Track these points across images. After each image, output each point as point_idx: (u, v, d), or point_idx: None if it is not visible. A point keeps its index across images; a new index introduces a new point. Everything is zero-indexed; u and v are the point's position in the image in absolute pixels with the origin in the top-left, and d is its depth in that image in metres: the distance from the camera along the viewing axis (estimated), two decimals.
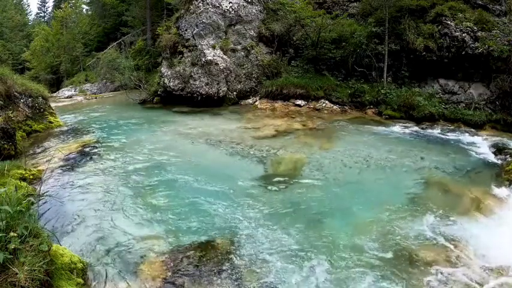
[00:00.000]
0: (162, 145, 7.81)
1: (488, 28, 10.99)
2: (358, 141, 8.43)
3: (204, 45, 13.48)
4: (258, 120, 10.59)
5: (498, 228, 4.54)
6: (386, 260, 3.92)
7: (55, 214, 4.54)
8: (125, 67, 16.68)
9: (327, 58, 13.28)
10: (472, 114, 10.47)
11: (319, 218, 4.77)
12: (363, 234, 4.38)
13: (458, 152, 7.91)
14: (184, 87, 13.53)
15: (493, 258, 3.93)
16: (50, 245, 3.14)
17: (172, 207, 4.88)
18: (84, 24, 32.44)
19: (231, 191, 5.47)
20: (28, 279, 2.59)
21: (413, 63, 12.18)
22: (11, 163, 5.56)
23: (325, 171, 6.41)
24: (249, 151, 7.49)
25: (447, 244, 4.21)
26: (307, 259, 3.87)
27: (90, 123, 10.55)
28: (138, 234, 4.23)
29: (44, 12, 55.06)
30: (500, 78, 10.52)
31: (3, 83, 8.33)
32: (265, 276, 3.60)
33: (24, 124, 8.41)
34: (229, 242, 4.11)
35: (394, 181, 6.17)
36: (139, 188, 5.46)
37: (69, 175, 5.86)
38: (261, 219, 4.66)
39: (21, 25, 42.80)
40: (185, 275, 3.56)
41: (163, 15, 21.35)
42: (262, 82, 13.59)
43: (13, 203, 3.00)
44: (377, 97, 11.80)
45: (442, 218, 4.78)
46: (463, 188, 5.77)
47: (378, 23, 12.79)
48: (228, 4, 14.02)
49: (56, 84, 30.29)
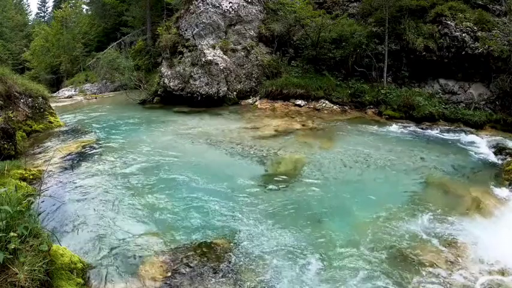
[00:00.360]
0: (162, 145, 7.81)
1: (488, 28, 10.99)
2: (358, 141, 8.44)
3: (204, 45, 13.48)
4: (258, 120, 10.59)
5: (498, 229, 4.54)
6: (385, 260, 3.92)
7: (55, 214, 4.54)
8: (125, 67, 16.66)
9: (327, 58, 13.28)
10: (472, 114, 10.47)
11: (319, 217, 4.77)
12: (362, 234, 4.38)
13: (458, 152, 7.91)
14: (184, 87, 13.54)
15: (493, 258, 3.93)
16: (50, 245, 3.14)
17: (172, 207, 4.88)
18: (84, 24, 32.45)
19: (231, 191, 5.47)
20: (28, 279, 2.59)
21: (413, 63, 12.18)
22: (11, 163, 5.56)
23: (325, 171, 6.41)
24: (249, 151, 7.50)
25: (446, 244, 4.21)
26: (307, 259, 3.87)
27: (90, 123, 10.55)
28: (138, 234, 4.23)
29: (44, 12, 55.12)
30: (500, 78, 10.52)
31: (3, 83, 8.33)
32: (264, 275, 3.60)
33: (24, 124, 8.41)
34: (229, 242, 4.11)
35: (393, 181, 6.17)
36: (139, 188, 5.46)
37: (69, 175, 5.86)
38: (261, 219, 4.66)
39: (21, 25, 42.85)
40: (185, 275, 3.56)
41: (163, 15, 21.34)
42: (262, 82, 13.59)
43: (13, 203, 3.00)
44: (377, 97, 11.80)
45: (442, 218, 4.78)
46: (462, 188, 5.77)
47: (377, 23, 12.80)
48: (228, 4, 14.02)
49: (56, 84, 30.32)
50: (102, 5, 28.75)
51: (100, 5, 29.28)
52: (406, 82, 12.40)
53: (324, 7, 14.19)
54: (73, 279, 3.21)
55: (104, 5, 28.49)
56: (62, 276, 3.13)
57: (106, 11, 29.03)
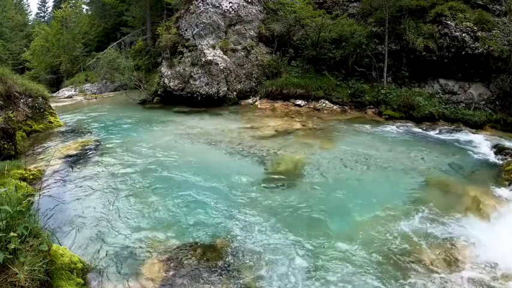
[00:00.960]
0: (162, 145, 7.81)
1: (488, 28, 10.99)
2: (358, 141, 8.44)
3: (204, 45, 13.48)
4: (258, 120, 10.59)
5: (497, 229, 4.53)
6: (383, 259, 3.92)
7: (55, 214, 4.54)
8: (125, 67, 16.67)
9: (327, 58, 13.28)
10: (472, 114, 10.47)
11: (319, 218, 4.77)
12: (362, 233, 4.38)
13: (458, 152, 7.91)
14: (184, 87, 13.54)
15: (492, 258, 3.93)
16: (50, 245, 3.14)
17: (172, 207, 4.89)
18: (84, 24, 32.47)
19: (231, 191, 5.47)
20: (28, 279, 2.60)
21: (413, 63, 12.18)
22: (11, 163, 5.56)
23: (325, 171, 6.41)
24: (248, 151, 7.50)
25: (446, 244, 4.22)
26: (307, 259, 3.87)
27: (90, 123, 10.55)
28: (138, 234, 4.23)
29: (44, 12, 55.16)
30: (500, 78, 10.52)
31: (3, 83, 8.33)
32: (264, 275, 3.60)
33: (24, 124, 8.41)
34: (229, 242, 4.11)
35: (393, 181, 6.17)
36: (139, 188, 5.47)
37: (69, 175, 5.85)
38: (261, 218, 4.66)
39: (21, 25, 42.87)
40: (185, 275, 3.56)
41: (163, 15, 21.35)
42: (262, 82, 13.60)
43: (13, 203, 3.00)
44: (377, 97, 11.80)
45: (442, 218, 4.78)
46: (462, 188, 5.77)
47: (377, 23, 12.80)
48: (228, 4, 14.02)
49: (56, 84, 30.34)
50: (102, 5, 28.76)
51: (100, 5, 29.29)
52: (406, 82, 12.40)
53: (324, 7, 14.20)
54: (73, 279, 3.21)
55: (104, 5, 28.50)
56: (62, 276, 3.13)
57: (106, 11, 29.04)
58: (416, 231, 4.46)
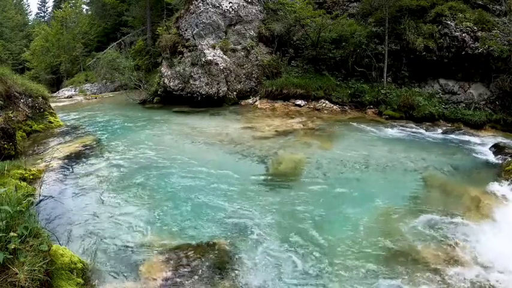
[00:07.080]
0: (162, 145, 7.81)
1: (488, 28, 10.99)
2: (358, 141, 8.44)
3: (204, 45, 13.48)
4: (258, 120, 10.59)
5: (497, 229, 4.53)
6: (383, 259, 3.92)
7: (55, 214, 4.54)
8: (125, 67, 16.66)
9: (327, 58, 13.29)
10: (472, 114, 10.48)
11: (318, 218, 4.77)
12: (362, 233, 4.38)
13: (458, 152, 7.92)
14: (184, 87, 13.54)
15: (492, 258, 3.92)
16: (50, 245, 3.14)
17: (172, 207, 4.89)
18: (84, 24, 32.49)
19: (231, 190, 5.47)
20: (28, 279, 2.60)
21: (413, 63, 12.19)
22: (11, 163, 5.55)
23: (325, 171, 6.41)
24: (248, 151, 7.49)
25: (446, 244, 4.21)
26: (307, 258, 3.87)
27: (90, 123, 10.55)
28: (138, 234, 4.23)
29: (44, 12, 55.20)
30: (500, 78, 10.52)
31: (3, 83, 8.33)
32: (264, 275, 3.60)
33: (24, 124, 8.40)
34: (229, 242, 4.11)
35: (393, 181, 6.17)
36: (139, 188, 5.46)
37: (69, 175, 5.86)
38: (260, 218, 4.66)
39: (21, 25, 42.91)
40: (185, 275, 3.56)
41: (163, 15, 21.34)
42: (262, 82, 13.60)
43: (13, 203, 3.00)
44: (377, 97, 11.80)
45: (441, 218, 4.78)
46: (462, 188, 5.77)
47: (377, 23, 12.81)
48: (228, 4, 14.02)
49: (56, 84, 30.35)
50: (102, 5, 28.78)
51: (100, 5, 29.31)
52: (406, 82, 12.41)
53: (324, 7, 14.20)
54: (73, 279, 3.21)
55: (104, 5, 28.52)
56: (62, 276, 3.13)
57: (106, 11, 29.06)
58: (416, 231, 4.46)
